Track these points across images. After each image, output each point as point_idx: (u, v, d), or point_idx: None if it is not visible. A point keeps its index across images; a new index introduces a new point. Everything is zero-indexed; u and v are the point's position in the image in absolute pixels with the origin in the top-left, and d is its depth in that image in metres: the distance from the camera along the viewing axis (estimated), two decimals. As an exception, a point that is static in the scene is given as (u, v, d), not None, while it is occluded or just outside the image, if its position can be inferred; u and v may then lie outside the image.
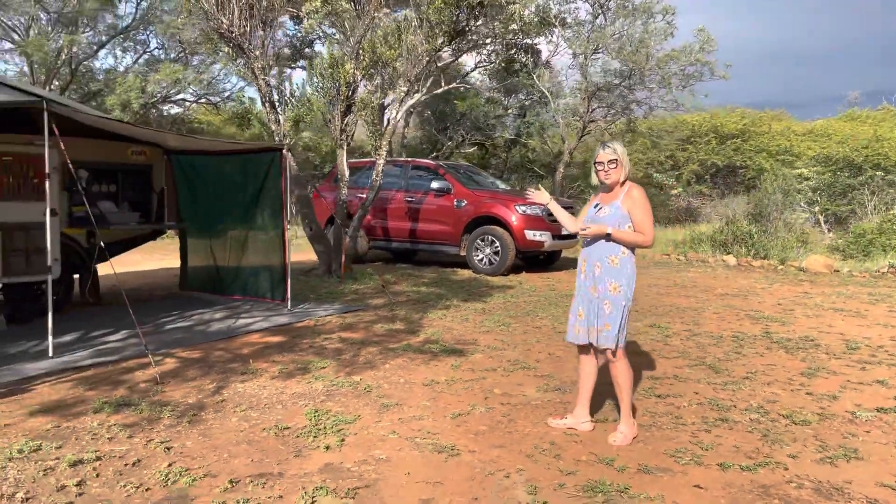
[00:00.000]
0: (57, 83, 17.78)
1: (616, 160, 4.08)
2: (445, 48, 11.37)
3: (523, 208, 11.35)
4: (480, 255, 11.52)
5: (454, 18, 9.97)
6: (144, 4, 17.92)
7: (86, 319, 7.58)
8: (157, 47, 20.32)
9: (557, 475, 3.57)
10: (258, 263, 8.38)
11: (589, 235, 4.10)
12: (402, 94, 10.55)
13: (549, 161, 21.47)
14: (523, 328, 7.23)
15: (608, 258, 4.06)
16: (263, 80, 10.06)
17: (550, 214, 11.44)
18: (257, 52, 9.84)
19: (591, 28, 17.10)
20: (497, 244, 11.32)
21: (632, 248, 4.09)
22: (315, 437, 4.09)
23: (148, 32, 19.19)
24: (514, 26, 18.35)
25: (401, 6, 11.21)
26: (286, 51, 16.88)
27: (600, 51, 16.80)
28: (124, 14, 18.26)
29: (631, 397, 4.17)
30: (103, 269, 11.05)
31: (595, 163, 4.16)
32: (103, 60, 20.06)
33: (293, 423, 4.31)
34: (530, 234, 11.25)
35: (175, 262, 10.18)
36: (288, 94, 10.44)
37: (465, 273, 11.56)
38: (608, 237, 4.02)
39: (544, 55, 18.90)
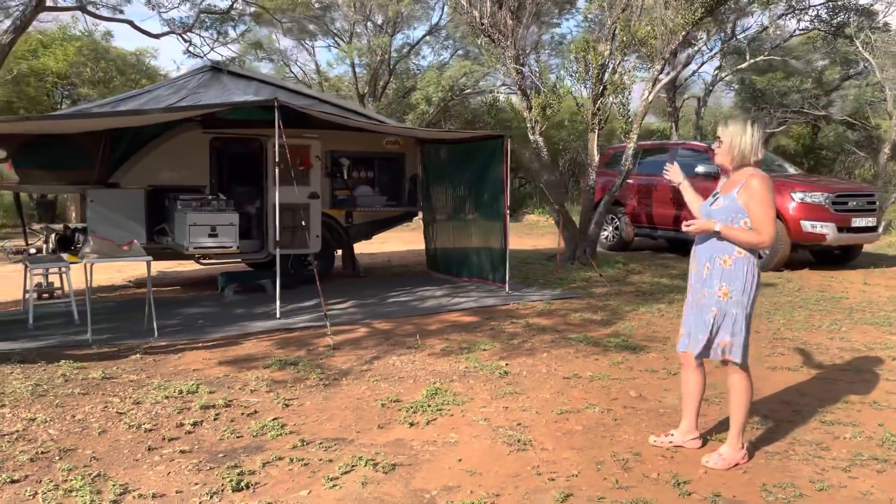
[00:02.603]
0: (381, 82, 20.27)
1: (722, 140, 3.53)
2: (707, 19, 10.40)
3: (801, 195, 9.94)
4: (748, 248, 10.36)
5: (713, -13, 9.09)
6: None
7: (333, 289, 8.61)
8: (469, 44, 21.84)
9: (606, 488, 3.25)
10: (482, 246, 8.70)
11: (693, 232, 3.57)
12: (657, 72, 9.95)
13: (876, 142, 18.09)
14: (735, 330, 6.42)
15: (719, 258, 3.49)
16: (514, 68, 10.32)
17: (836, 203, 9.96)
18: (508, 42, 10.11)
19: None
20: (767, 236, 10.06)
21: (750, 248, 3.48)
22: (413, 412, 4.25)
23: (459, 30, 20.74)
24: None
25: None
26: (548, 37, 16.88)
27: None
28: (425, 15, 19.95)
29: (745, 418, 3.57)
30: (375, 246, 12.43)
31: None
32: (425, 59, 22.15)
33: (407, 398, 4.53)
34: (808, 226, 9.80)
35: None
36: (539, 81, 10.52)
37: (730, 266, 10.50)
38: (718, 234, 3.46)
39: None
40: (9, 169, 7.48)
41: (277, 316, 6.85)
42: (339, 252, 9.79)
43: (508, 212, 8.19)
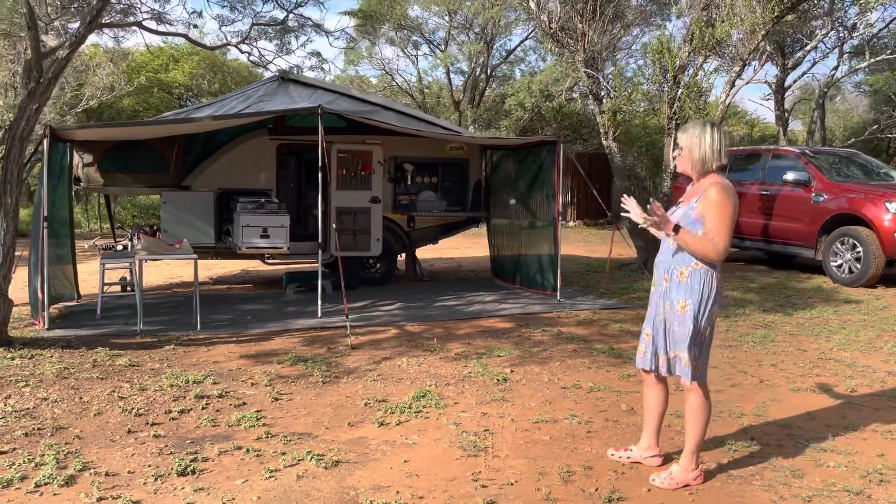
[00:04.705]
0: (479, 89, 20.41)
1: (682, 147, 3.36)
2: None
3: (897, 205, 9.10)
4: (839, 261, 9.61)
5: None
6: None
7: (389, 291, 8.80)
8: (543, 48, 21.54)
9: (534, 499, 3.16)
10: (534, 253, 8.59)
11: (650, 228, 3.28)
12: (735, 75, 9.44)
13: None
14: (780, 349, 6.01)
15: (676, 270, 3.30)
16: (585, 72, 10.12)
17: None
18: (577, 46, 9.94)
19: None
20: (859, 249, 9.30)
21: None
22: (391, 413, 4.30)
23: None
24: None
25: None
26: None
27: None
28: (525, 22, 19.82)
29: (700, 438, 3.35)
30: (453, 251, 12.53)
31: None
32: (529, 65, 22.01)
33: (394, 399, 4.58)
34: (904, 239, 8.96)
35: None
36: (610, 85, 10.25)
37: (819, 280, 9.79)
38: (676, 231, 3.24)
39: None
40: (95, 172, 8.20)
41: (319, 315, 7.09)
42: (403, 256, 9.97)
43: (560, 218, 8.07)
